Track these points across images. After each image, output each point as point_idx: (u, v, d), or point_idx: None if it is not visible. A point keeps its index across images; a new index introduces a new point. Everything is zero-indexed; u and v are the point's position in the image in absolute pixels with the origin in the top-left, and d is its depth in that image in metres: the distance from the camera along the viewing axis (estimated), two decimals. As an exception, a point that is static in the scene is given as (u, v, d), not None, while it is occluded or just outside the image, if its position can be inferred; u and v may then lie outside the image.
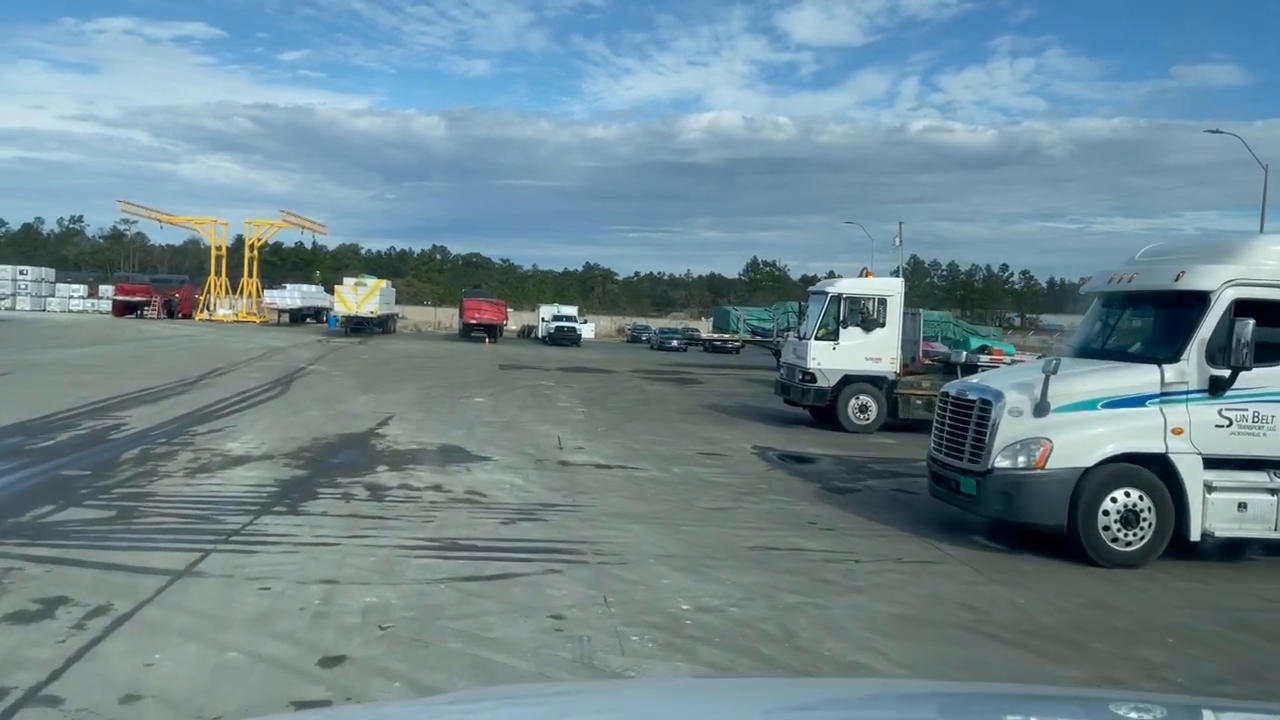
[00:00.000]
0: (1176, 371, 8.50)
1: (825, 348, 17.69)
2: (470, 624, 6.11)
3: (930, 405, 17.11)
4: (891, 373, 17.71)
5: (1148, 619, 7.01)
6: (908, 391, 17.69)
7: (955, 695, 2.45)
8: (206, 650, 5.46)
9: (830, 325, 17.82)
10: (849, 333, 17.68)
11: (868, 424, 17.56)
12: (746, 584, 7.32)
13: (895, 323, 17.83)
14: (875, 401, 17.63)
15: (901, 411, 17.60)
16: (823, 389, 17.66)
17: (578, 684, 4.97)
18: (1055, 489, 8.38)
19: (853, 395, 17.64)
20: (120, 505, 8.93)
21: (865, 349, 17.63)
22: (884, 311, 17.77)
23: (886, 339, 17.76)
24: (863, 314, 17.76)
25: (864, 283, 18.49)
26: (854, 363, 17.62)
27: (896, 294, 18.07)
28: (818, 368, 17.65)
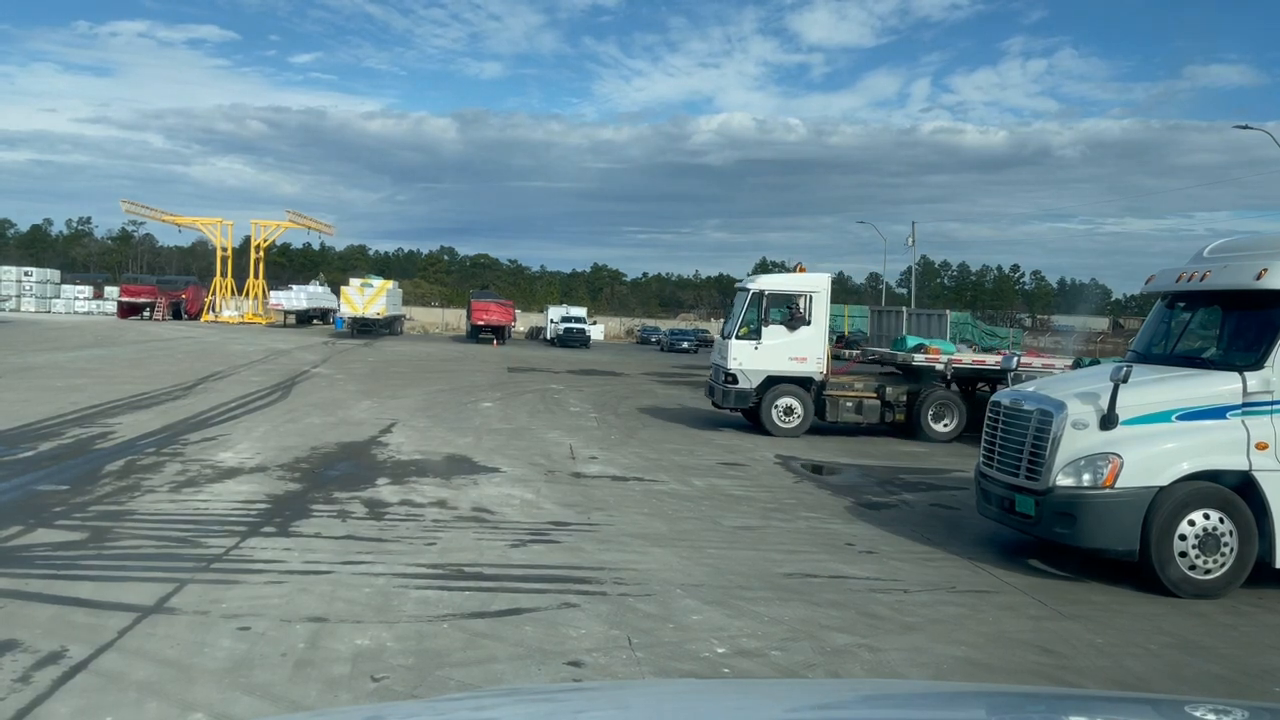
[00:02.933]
0: (1260, 380, 7.65)
1: (747, 347, 16.64)
2: (476, 673, 5.32)
3: (860, 408, 16.65)
4: (818, 373, 16.70)
5: (1245, 662, 6.17)
6: (837, 393, 16.74)
7: (970, 695, 2.52)
8: (167, 710, 4.67)
9: (752, 324, 16.73)
10: (772, 331, 16.62)
11: (793, 427, 16.52)
12: (787, 620, 6.50)
13: (821, 321, 16.81)
14: (801, 403, 16.60)
15: (830, 414, 16.65)
16: (745, 391, 16.61)
17: (589, 683, 4.75)
18: (1125, 510, 7.53)
19: (777, 397, 16.60)
20: (94, 526, 8.15)
21: (790, 348, 16.60)
22: (809, 309, 16.75)
23: (812, 338, 16.71)
24: (787, 312, 16.78)
25: (788, 278, 17.45)
26: (778, 363, 16.58)
27: (823, 290, 16.96)
28: (739, 368, 16.59)
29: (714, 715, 1.99)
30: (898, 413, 16.78)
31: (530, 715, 2.01)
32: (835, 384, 16.94)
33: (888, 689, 3.19)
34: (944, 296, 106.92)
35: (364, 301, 47.25)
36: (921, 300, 72.41)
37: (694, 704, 2.17)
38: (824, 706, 2.12)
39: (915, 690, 3.09)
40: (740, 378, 16.58)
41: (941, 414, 16.76)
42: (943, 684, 4.77)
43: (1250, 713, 2.26)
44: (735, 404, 16.79)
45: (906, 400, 16.80)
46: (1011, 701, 2.35)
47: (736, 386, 16.60)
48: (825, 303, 16.88)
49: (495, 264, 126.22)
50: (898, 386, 16.99)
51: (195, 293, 59.53)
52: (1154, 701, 2.76)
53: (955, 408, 16.79)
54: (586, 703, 2.15)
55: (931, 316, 25.14)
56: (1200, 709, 2.17)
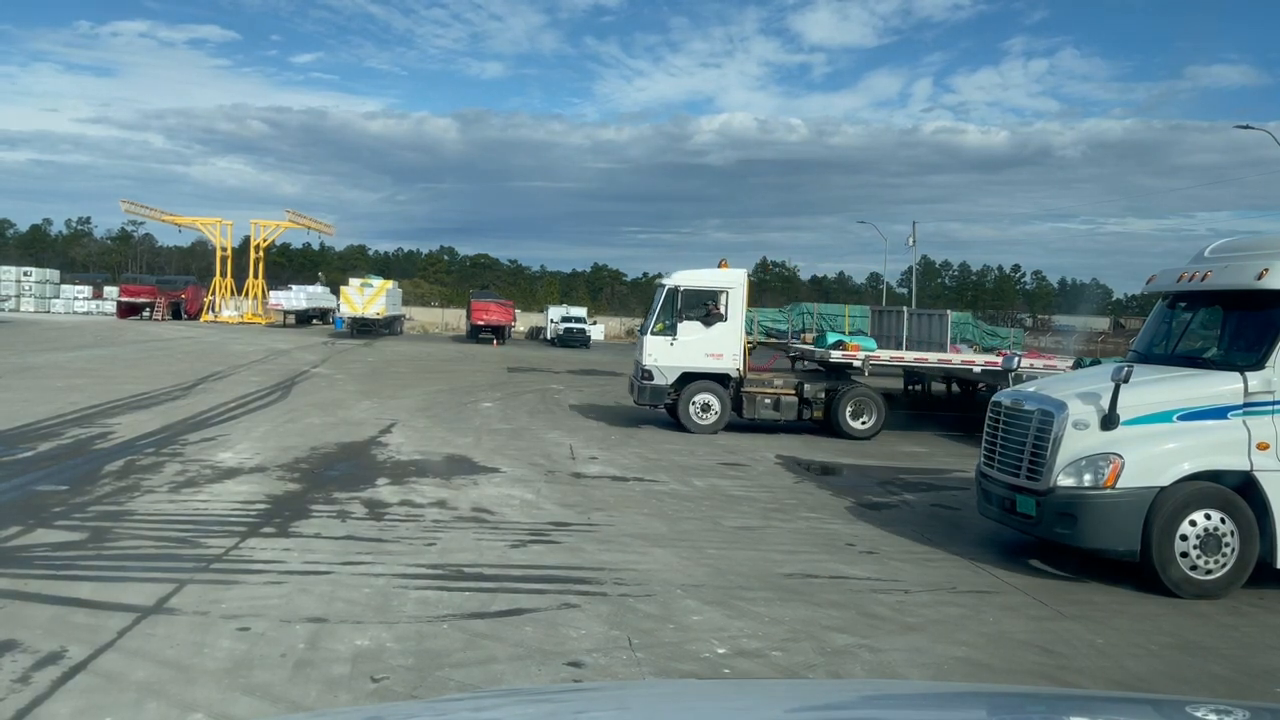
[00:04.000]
0: (1262, 380, 7.64)
1: (662, 343, 16.41)
2: (476, 674, 5.31)
3: (779, 404, 16.51)
4: (735, 370, 16.50)
5: (1246, 663, 6.17)
6: (755, 390, 16.54)
7: (971, 695, 2.52)
8: (166, 711, 4.67)
9: (667, 320, 16.51)
10: (687, 327, 16.40)
11: (710, 424, 16.36)
12: (787, 620, 6.50)
13: (738, 317, 16.59)
14: (719, 400, 16.43)
15: (747, 411, 16.47)
16: (660, 387, 16.44)
17: (589, 684, 4.74)
18: (1126, 511, 7.52)
19: (694, 394, 16.42)
20: (94, 526, 8.14)
21: (706, 345, 16.39)
22: (726, 305, 16.52)
23: (729, 334, 16.50)
24: (703, 308, 16.52)
25: (703, 274, 17.22)
26: (694, 359, 16.39)
27: (739, 286, 16.73)
28: (654, 365, 16.38)
29: (714, 715, 1.99)
30: (816, 410, 16.71)
31: (530, 715, 2.01)
32: (754, 381, 16.81)
33: (888, 689, 3.18)
34: (945, 296, 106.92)
35: (364, 301, 47.20)
36: (922, 300, 72.45)
37: (694, 704, 2.16)
38: (824, 707, 2.11)
39: (915, 690, 3.09)
40: (656, 374, 16.42)
41: (860, 411, 16.68)
42: (943, 684, 4.76)
43: (1251, 713, 2.25)
44: (651, 400, 16.62)
45: (825, 397, 16.76)
46: (1012, 702, 2.34)
47: (652, 383, 16.44)
48: (742, 299, 16.69)
49: (495, 264, 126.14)
50: (816, 384, 16.94)
51: (195, 293, 59.46)
52: (1154, 702, 2.76)
53: (874, 405, 16.71)
54: (586, 703, 2.15)
55: (932, 316, 25.10)
56: (1201, 709, 2.16)
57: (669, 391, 16.50)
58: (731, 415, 16.62)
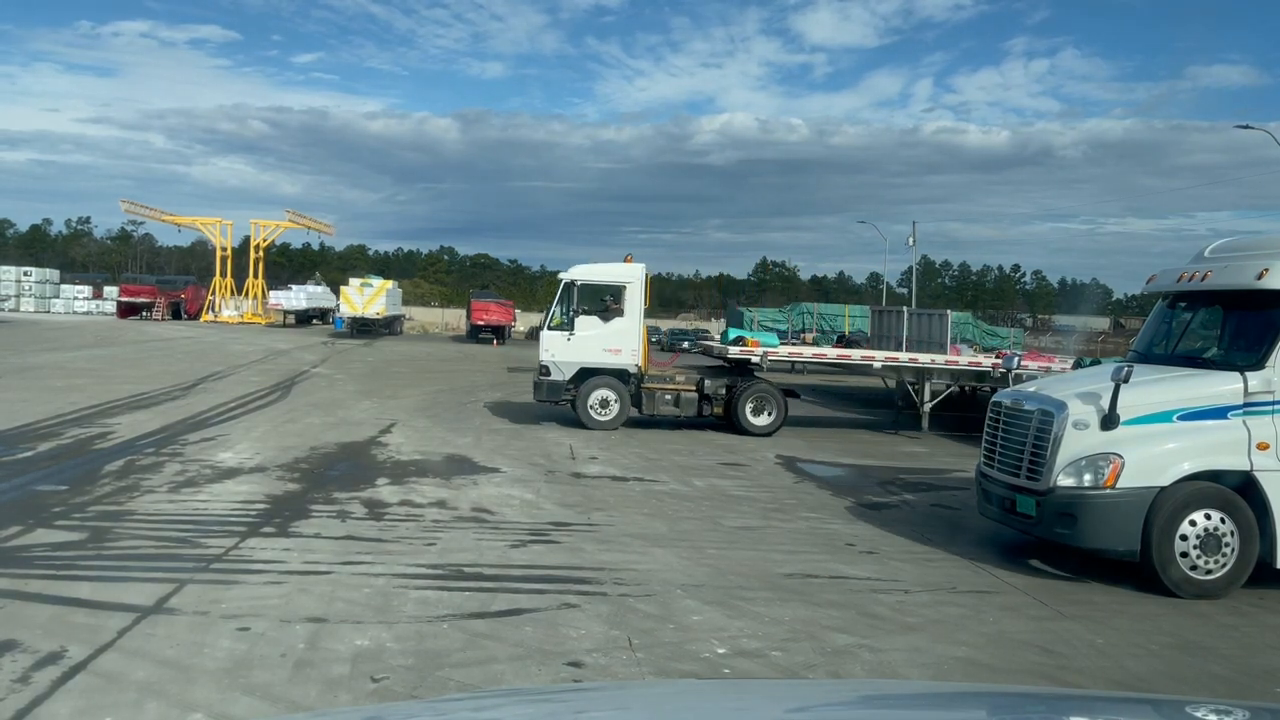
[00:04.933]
0: (1262, 379, 7.64)
1: (559, 339, 16.25)
2: (476, 674, 5.31)
3: (679, 401, 16.40)
4: (634, 365, 16.29)
5: (1246, 663, 6.16)
6: (656, 386, 16.39)
7: (971, 695, 2.52)
8: (166, 710, 4.66)
9: (565, 315, 16.40)
10: (585, 322, 16.25)
11: (608, 420, 16.14)
12: (787, 620, 6.50)
13: (636, 312, 16.37)
14: (618, 396, 16.22)
15: (647, 408, 16.30)
16: (557, 383, 16.19)
17: (589, 683, 4.74)
18: (1127, 511, 7.52)
19: (592, 389, 16.20)
20: (93, 526, 8.14)
21: (603, 340, 16.20)
22: (623, 300, 16.33)
23: (627, 329, 16.31)
24: (601, 303, 16.39)
25: (601, 269, 17.09)
26: (591, 355, 16.18)
27: (637, 282, 16.48)
28: (551, 360, 16.18)
29: (714, 715, 1.98)
30: (716, 406, 16.56)
31: (530, 715, 2.01)
32: (654, 376, 16.68)
33: (888, 689, 3.18)
34: (945, 296, 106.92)
35: (363, 301, 47.19)
36: (922, 300, 72.43)
37: (694, 704, 2.16)
38: (824, 707, 2.11)
39: (915, 690, 3.09)
40: (553, 369, 16.21)
41: (761, 407, 16.52)
42: (943, 684, 4.76)
43: (1251, 713, 2.25)
44: (548, 396, 16.39)
45: (726, 394, 16.61)
46: (1011, 702, 2.34)
47: (549, 379, 16.21)
48: (640, 294, 16.47)
49: (495, 264, 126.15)
50: (717, 380, 16.79)
51: (195, 292, 59.46)
52: (1154, 702, 2.76)
53: (774, 401, 16.56)
54: (586, 703, 2.14)
55: (932, 316, 25.04)
56: (1201, 709, 2.16)
57: (567, 387, 16.25)
58: (632, 412, 16.39)
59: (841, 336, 46.04)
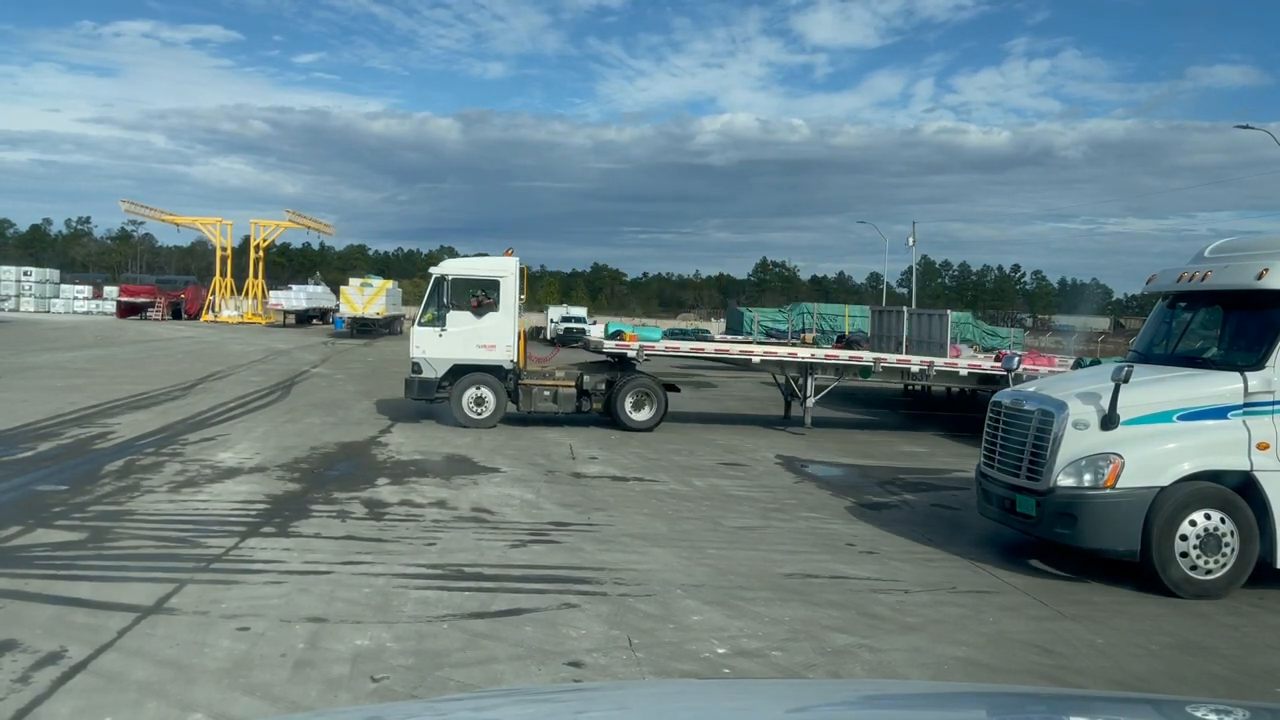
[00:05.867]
0: (1262, 379, 7.64)
1: (431, 334, 15.80)
2: (476, 674, 5.31)
3: (557, 397, 16.05)
4: (509, 361, 15.91)
5: (1246, 663, 6.16)
6: (532, 382, 16.13)
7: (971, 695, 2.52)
8: (166, 710, 4.67)
9: (436, 310, 15.96)
10: (457, 318, 15.84)
11: (484, 418, 15.66)
12: (787, 620, 6.50)
13: (511, 307, 16.04)
14: (493, 393, 15.76)
15: (524, 404, 16.02)
16: (429, 380, 15.72)
17: (589, 683, 4.74)
18: (1127, 511, 7.52)
19: (466, 386, 15.72)
20: (94, 526, 8.14)
21: (477, 336, 15.81)
22: (496, 295, 16.01)
23: (501, 325, 15.93)
24: (474, 298, 16.07)
25: (474, 263, 16.87)
26: (464, 351, 15.77)
27: (510, 275, 16.13)
28: (423, 356, 15.72)
29: (714, 715, 1.98)
30: (596, 401, 16.29)
31: (530, 715, 2.00)
32: (533, 373, 16.51)
33: (888, 689, 3.18)
34: (945, 296, 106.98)
35: (363, 301, 47.17)
36: (922, 300, 72.41)
37: (694, 704, 2.16)
38: (824, 707, 2.11)
39: (915, 690, 3.09)
40: (424, 366, 15.77)
41: (641, 402, 16.25)
42: (943, 684, 4.76)
43: (1251, 713, 2.25)
44: (420, 394, 15.93)
45: (606, 389, 16.35)
46: (1011, 702, 2.34)
47: (421, 376, 15.77)
48: (514, 289, 16.17)
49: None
50: (596, 375, 16.53)
51: (194, 292, 59.45)
52: (1154, 702, 2.76)
53: (654, 396, 16.28)
54: (586, 703, 2.14)
55: (932, 316, 25.06)
56: (1201, 709, 2.16)
57: (441, 385, 15.83)
58: (511, 408, 16.10)
59: (841, 336, 46.04)
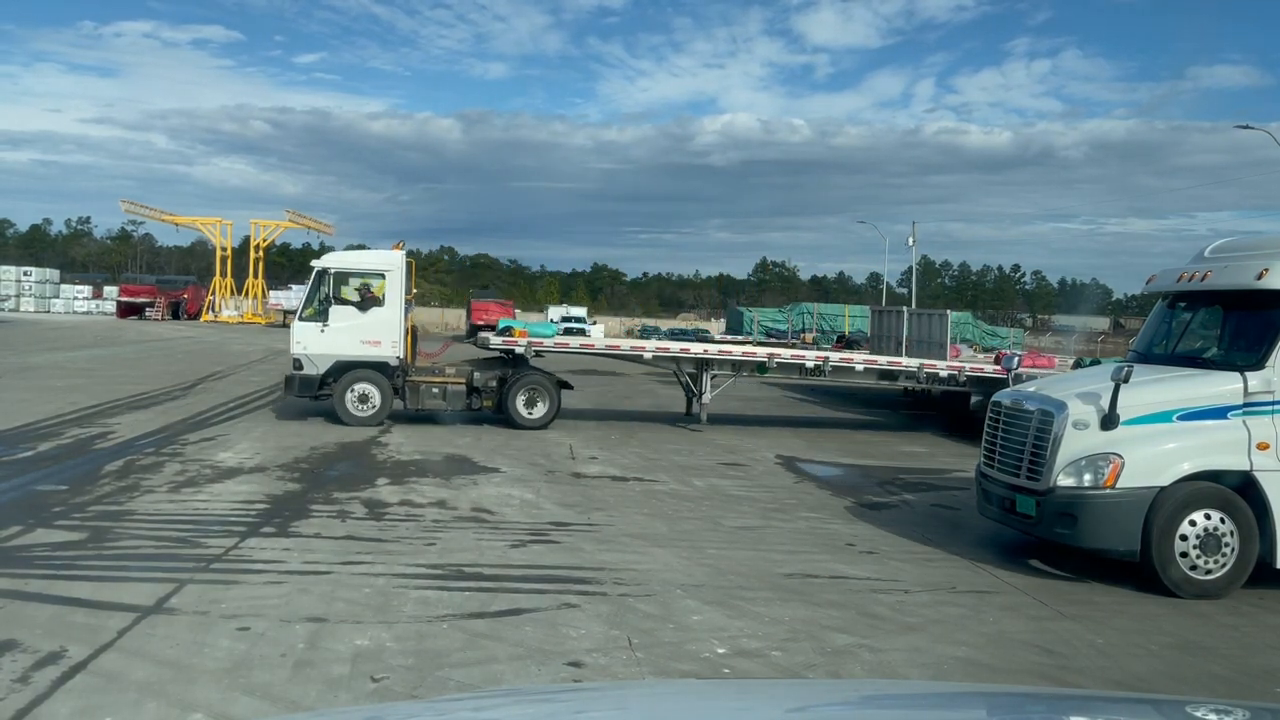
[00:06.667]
0: (1261, 380, 7.64)
1: (312, 330, 15.30)
2: (476, 673, 5.31)
3: (446, 394, 15.61)
4: (395, 357, 15.45)
5: (1246, 663, 6.17)
6: (421, 379, 15.71)
7: (971, 695, 2.52)
8: (166, 711, 4.67)
9: (318, 304, 15.48)
10: (340, 312, 15.31)
11: (369, 416, 15.17)
12: (787, 620, 6.50)
13: (397, 302, 15.56)
14: (379, 390, 15.27)
15: (411, 402, 15.58)
16: (310, 377, 15.19)
17: (589, 683, 4.73)
18: (1126, 510, 7.52)
19: (350, 384, 15.22)
20: (94, 526, 8.15)
21: (361, 331, 15.29)
22: (382, 289, 15.53)
23: (386, 320, 15.44)
24: (357, 292, 15.53)
25: (358, 256, 16.42)
26: (348, 347, 15.24)
27: (396, 269, 15.73)
28: (303, 353, 15.22)
29: (714, 715, 1.98)
30: (486, 399, 15.94)
31: (530, 715, 2.01)
32: (421, 369, 16.09)
33: (888, 689, 3.18)
34: (945, 296, 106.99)
35: (364, 301, 47.14)
36: (922, 300, 72.41)
37: (694, 704, 2.16)
38: (824, 707, 2.11)
39: (915, 690, 3.09)
40: (305, 363, 15.25)
41: (534, 399, 15.91)
42: (943, 684, 4.77)
43: (1251, 713, 2.25)
44: (301, 391, 15.41)
45: (497, 385, 16.01)
46: (1011, 701, 2.34)
47: (301, 373, 15.25)
48: (400, 283, 15.73)
49: (495, 264, 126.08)
50: (488, 372, 16.16)
51: (194, 292, 59.47)
52: (1154, 702, 2.76)
53: (546, 393, 15.96)
54: (586, 703, 2.15)
55: (932, 316, 25.06)
56: (1200, 709, 2.16)
57: (325, 381, 15.32)
58: (398, 406, 15.71)
59: (841, 336, 46.07)
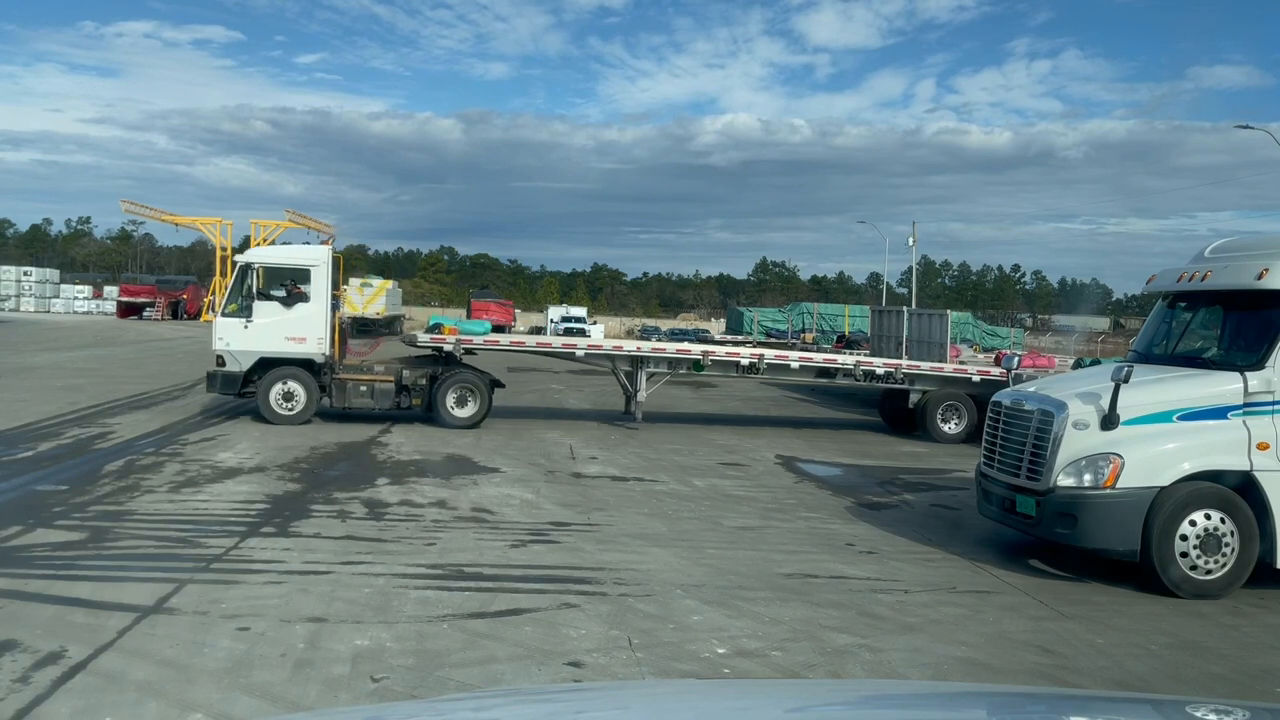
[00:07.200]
0: (1262, 380, 7.64)
1: (235, 325, 15.02)
2: (476, 674, 5.31)
3: (373, 392, 15.28)
4: (320, 354, 15.12)
5: (1246, 663, 6.16)
6: (349, 377, 15.37)
7: (971, 695, 2.52)
8: (166, 710, 4.67)
9: (242, 300, 15.21)
10: (264, 308, 15.06)
11: (294, 414, 14.90)
12: (787, 620, 6.50)
13: (322, 298, 15.25)
14: (304, 388, 14.98)
15: (338, 400, 15.26)
16: (233, 374, 14.95)
17: (589, 683, 4.73)
18: (1127, 510, 7.52)
19: (274, 381, 14.93)
20: (94, 526, 8.15)
21: (286, 327, 15.02)
22: (307, 284, 15.28)
23: (312, 316, 15.15)
24: (282, 287, 15.31)
25: (283, 251, 16.09)
26: (272, 343, 14.97)
27: (322, 264, 15.41)
28: (226, 349, 14.97)
29: (714, 715, 1.98)
30: (415, 397, 15.63)
31: (530, 715, 2.01)
32: (349, 367, 15.81)
33: (888, 689, 3.18)
34: (945, 296, 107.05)
35: (363, 301, 47.23)
36: (922, 300, 72.45)
37: (694, 704, 2.16)
38: (824, 707, 2.11)
39: (915, 690, 3.09)
40: (228, 359, 15.01)
41: (464, 399, 15.59)
42: (943, 684, 4.76)
43: (1251, 713, 2.25)
44: (224, 389, 15.21)
45: (428, 384, 15.70)
46: (1011, 701, 2.34)
47: (224, 370, 15.02)
48: (326, 278, 15.42)
49: (495, 264, 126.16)
50: (418, 370, 15.83)
51: (194, 292, 59.41)
52: (1154, 701, 2.76)
53: (477, 392, 15.66)
54: (586, 703, 2.14)
55: (932, 316, 25.04)
56: (1200, 709, 2.16)
57: (251, 379, 15.09)
58: (326, 403, 15.39)
59: (841, 336, 46.03)
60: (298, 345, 15.15)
